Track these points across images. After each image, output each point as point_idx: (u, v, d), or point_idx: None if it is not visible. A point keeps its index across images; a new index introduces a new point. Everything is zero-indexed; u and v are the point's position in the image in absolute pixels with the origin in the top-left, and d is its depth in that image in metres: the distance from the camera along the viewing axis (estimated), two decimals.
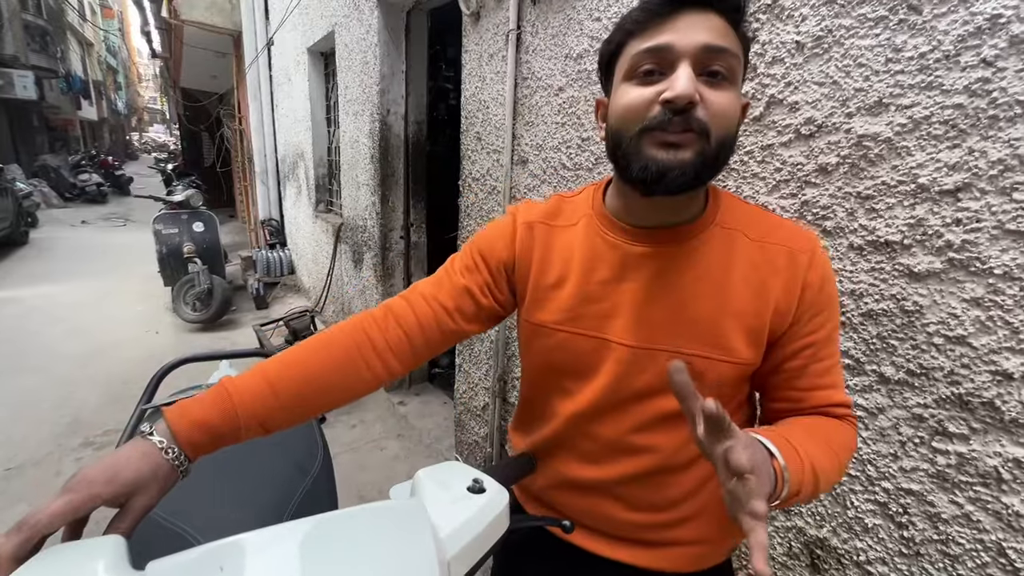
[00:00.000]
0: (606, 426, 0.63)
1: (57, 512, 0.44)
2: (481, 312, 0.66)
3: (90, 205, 11.38)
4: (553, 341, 0.63)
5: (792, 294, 0.56)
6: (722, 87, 0.50)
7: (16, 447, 2.38)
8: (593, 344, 0.61)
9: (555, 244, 0.64)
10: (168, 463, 0.51)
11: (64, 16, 15.84)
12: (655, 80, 0.50)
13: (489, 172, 1.79)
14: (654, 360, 0.58)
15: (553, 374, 0.66)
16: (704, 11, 0.49)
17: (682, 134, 0.49)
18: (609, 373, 0.60)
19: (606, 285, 0.60)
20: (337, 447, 2.42)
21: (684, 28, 0.49)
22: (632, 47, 0.52)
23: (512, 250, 0.66)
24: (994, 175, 0.70)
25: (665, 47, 0.49)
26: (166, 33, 6.74)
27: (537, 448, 0.72)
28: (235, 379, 0.57)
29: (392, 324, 0.63)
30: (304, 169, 4.39)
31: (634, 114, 0.51)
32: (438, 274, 0.69)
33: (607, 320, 0.60)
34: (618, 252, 0.60)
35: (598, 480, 0.65)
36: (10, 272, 5.66)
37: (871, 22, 0.80)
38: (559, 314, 0.62)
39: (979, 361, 0.73)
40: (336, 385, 0.61)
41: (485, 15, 1.70)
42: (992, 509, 0.75)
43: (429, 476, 0.57)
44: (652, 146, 0.51)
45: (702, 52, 0.49)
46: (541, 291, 0.64)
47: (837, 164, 0.86)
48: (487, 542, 0.54)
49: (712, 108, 0.49)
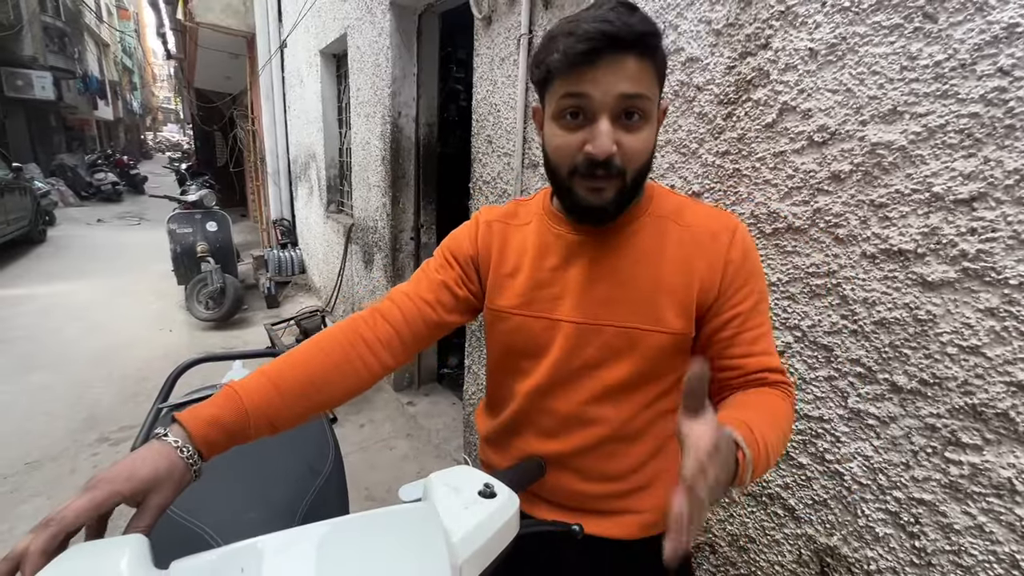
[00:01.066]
0: (560, 400, 0.69)
1: (81, 509, 0.46)
2: (459, 303, 0.72)
3: (106, 204, 11.57)
4: (510, 324, 0.70)
5: (715, 270, 0.63)
6: (637, 128, 0.57)
7: (33, 442, 2.43)
8: (544, 324, 0.68)
9: (511, 239, 0.72)
10: (183, 462, 0.53)
11: (81, 18, 16.11)
12: (580, 125, 0.57)
13: (500, 175, 1.80)
14: (598, 334, 0.65)
15: (511, 356, 0.73)
16: (620, 55, 0.54)
17: (604, 179, 0.58)
18: (559, 348, 0.67)
19: (555, 271, 0.68)
20: (347, 446, 2.45)
21: (602, 78, 0.54)
22: (558, 86, 0.58)
23: (475, 246, 0.73)
24: (1010, 185, 0.69)
25: (585, 95, 0.55)
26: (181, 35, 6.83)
27: (502, 428, 0.77)
28: (241, 381, 0.60)
29: (380, 322, 0.68)
30: (316, 170, 4.43)
31: (564, 158, 0.60)
32: (415, 275, 0.75)
33: (556, 302, 0.67)
34: (563, 241, 0.68)
35: (555, 453, 0.71)
36: (28, 270, 5.77)
37: (886, 30, 0.79)
38: (515, 299, 0.69)
39: (993, 371, 0.73)
40: (335, 382, 0.65)
41: (497, 19, 1.71)
42: (1006, 520, 0.74)
43: (441, 480, 0.58)
44: (581, 188, 0.60)
45: (619, 102, 0.55)
46: (500, 279, 0.71)
47: (850, 172, 0.86)
48: (498, 547, 0.54)
49: (627, 152, 0.57)
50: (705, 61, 1.07)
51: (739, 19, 0.99)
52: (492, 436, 0.80)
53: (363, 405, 2.91)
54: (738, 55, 1.00)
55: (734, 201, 1.05)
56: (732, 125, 1.04)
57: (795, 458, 1.00)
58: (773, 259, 0.99)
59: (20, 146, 11.67)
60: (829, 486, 0.95)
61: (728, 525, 1.15)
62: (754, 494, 1.09)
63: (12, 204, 6.45)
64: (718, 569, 1.19)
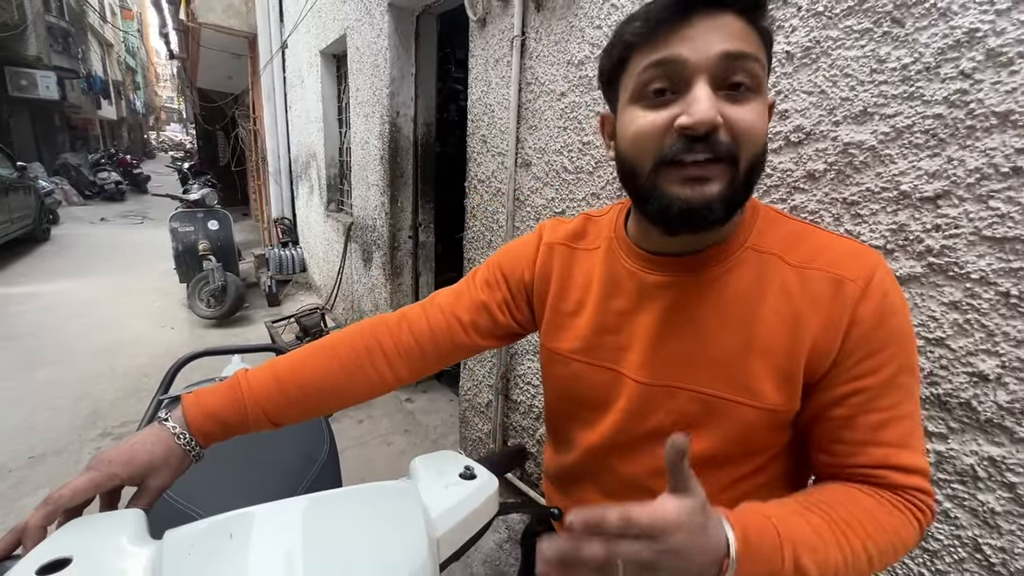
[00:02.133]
0: (623, 464, 0.59)
1: (79, 488, 0.49)
2: (497, 328, 0.65)
3: (109, 203, 11.64)
4: (569, 370, 0.61)
5: (835, 330, 0.47)
6: (746, 100, 0.44)
7: (38, 437, 2.48)
8: (608, 377, 0.57)
9: (576, 268, 0.62)
10: (181, 449, 0.56)
11: (85, 18, 16.20)
12: (668, 101, 0.44)
13: (494, 174, 1.83)
14: (671, 398, 0.53)
15: (571, 402, 0.64)
16: (718, 12, 0.43)
17: (706, 165, 0.44)
18: (622, 409, 0.57)
19: (622, 315, 0.57)
20: (345, 442, 2.48)
21: (696, 36, 0.43)
22: (637, 62, 0.46)
23: (532, 271, 0.64)
24: (971, 183, 0.72)
25: (676, 60, 0.43)
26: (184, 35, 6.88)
27: (565, 473, 0.69)
28: (248, 373, 0.61)
29: (405, 331, 0.64)
30: (316, 169, 4.47)
31: (647, 144, 0.45)
32: (459, 285, 0.68)
33: (622, 352, 0.56)
34: (635, 280, 0.56)
35: None
36: (32, 268, 5.82)
37: (857, 34, 0.82)
38: (575, 343, 0.60)
39: (957, 363, 0.76)
40: (342, 387, 0.62)
41: (491, 21, 1.74)
42: (969, 506, 0.77)
43: (424, 463, 0.61)
44: (673, 182, 0.45)
45: (720, 63, 0.43)
46: (559, 317, 0.62)
47: (824, 171, 0.89)
48: (476, 524, 0.58)
49: (738, 128, 0.43)
50: None
51: None
52: (555, 475, 0.72)
53: None
54: None
55: None
56: None
57: None
58: None
59: (24, 145, 11.74)
60: None
61: None
62: None
63: (17, 203, 6.51)
64: None
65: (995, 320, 0.72)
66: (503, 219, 1.77)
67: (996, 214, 0.70)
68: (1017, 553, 0.73)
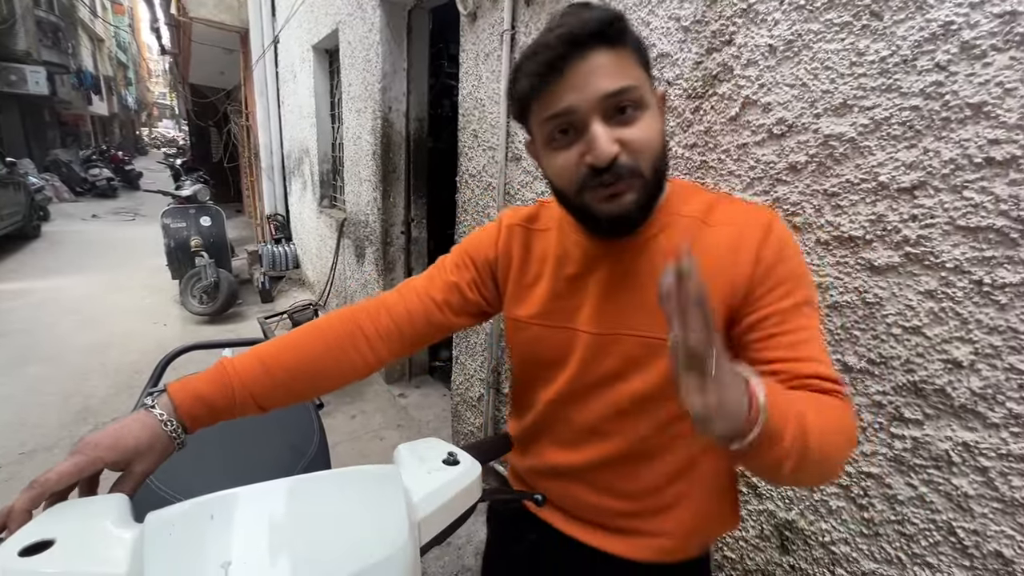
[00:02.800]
0: (578, 411, 0.67)
1: (65, 472, 0.50)
2: (468, 306, 0.72)
3: (100, 199, 11.54)
4: (530, 334, 0.69)
5: (744, 267, 0.56)
6: (635, 119, 0.52)
7: (28, 433, 2.47)
8: (565, 335, 0.65)
9: (533, 246, 0.70)
10: (166, 435, 0.56)
11: (76, 12, 16.01)
12: (573, 140, 0.54)
13: (485, 168, 1.83)
14: (617, 343, 0.62)
15: (532, 364, 0.71)
16: (587, 53, 0.50)
17: (617, 184, 0.53)
18: (577, 360, 0.65)
19: (574, 281, 0.65)
20: (337, 436, 2.49)
21: (577, 83, 0.50)
22: (538, 112, 0.55)
23: (496, 250, 0.71)
24: (946, 174, 0.74)
25: (569, 110, 0.52)
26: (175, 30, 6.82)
27: (525, 434, 0.76)
28: (233, 359, 0.62)
29: (384, 315, 0.68)
30: (309, 165, 4.46)
31: (567, 177, 0.56)
32: (430, 271, 0.74)
33: (575, 312, 0.65)
34: (581, 250, 0.65)
35: (572, 465, 0.69)
36: (23, 264, 5.78)
37: (837, 27, 0.83)
38: (534, 308, 0.68)
39: (932, 350, 0.78)
40: (327, 369, 0.65)
41: (481, 15, 1.74)
42: (943, 491, 0.79)
43: (408, 449, 0.62)
44: (596, 200, 0.55)
45: (604, 101, 0.51)
46: (520, 289, 0.70)
47: (806, 162, 0.90)
48: (457, 509, 0.59)
49: (633, 145, 0.52)
50: (675, 57, 1.11)
51: (705, 16, 1.03)
52: (519, 439, 0.78)
53: (354, 396, 2.95)
54: (705, 51, 1.04)
55: None
56: (699, 119, 1.08)
57: None
58: None
59: (14, 141, 11.62)
60: None
61: None
62: None
63: (6, 199, 6.45)
64: None
65: (969, 308, 0.73)
66: (494, 213, 1.77)
67: (970, 204, 0.72)
68: (989, 536, 0.75)
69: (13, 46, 10.84)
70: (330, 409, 2.75)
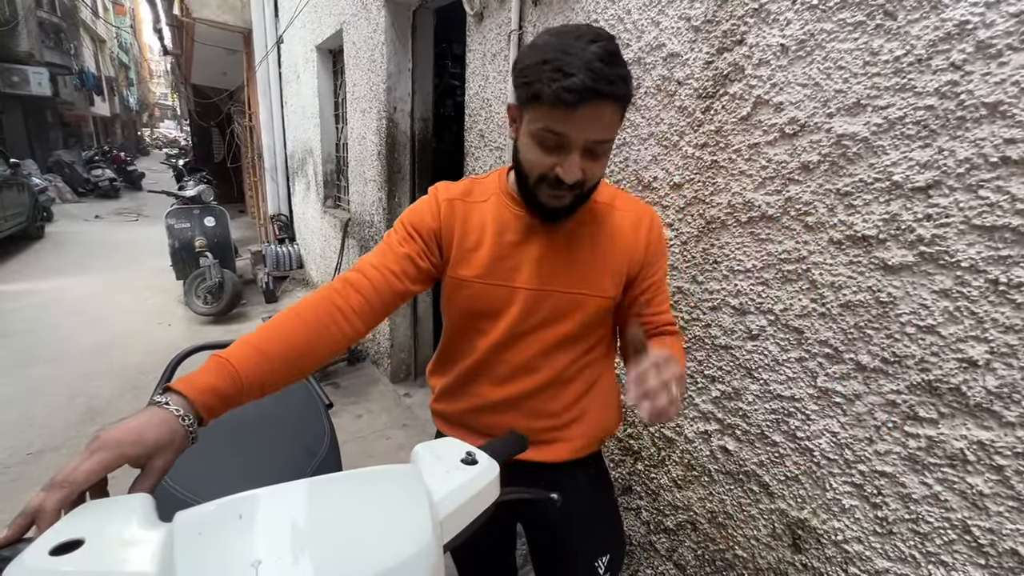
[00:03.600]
0: (513, 352, 0.82)
1: (92, 470, 0.50)
2: (421, 274, 0.80)
3: (103, 200, 11.56)
4: (472, 291, 0.80)
5: (640, 247, 0.81)
6: (599, 159, 0.69)
7: (35, 434, 2.47)
8: (504, 291, 0.79)
9: (471, 216, 0.81)
10: (183, 429, 0.57)
11: (78, 13, 16.03)
12: (553, 149, 0.67)
13: (492, 168, 1.83)
14: (550, 298, 0.79)
15: (471, 317, 0.83)
16: (601, 105, 0.62)
17: (566, 191, 0.70)
18: (517, 310, 0.79)
19: (514, 246, 0.79)
20: (344, 436, 2.47)
21: (581, 122, 0.63)
22: (540, 114, 0.65)
23: (438, 221, 0.81)
24: (961, 173, 0.74)
25: (564, 135, 0.65)
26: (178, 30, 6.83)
27: (458, 380, 0.88)
28: (227, 351, 0.65)
29: (352, 292, 0.75)
30: (313, 165, 4.46)
31: (535, 169, 0.70)
32: (380, 248, 0.81)
33: (514, 272, 0.79)
34: (522, 221, 0.79)
35: (508, 396, 0.84)
36: (26, 265, 5.79)
37: (850, 26, 0.83)
38: (477, 269, 0.79)
39: (947, 349, 0.78)
40: (314, 347, 0.71)
41: (488, 16, 1.74)
42: (958, 489, 0.79)
43: (426, 449, 0.62)
44: (545, 195, 0.71)
45: (589, 144, 0.66)
46: (463, 252, 0.80)
47: (819, 162, 0.90)
48: (477, 508, 0.59)
49: (589, 175, 0.69)
50: (685, 56, 1.11)
51: (716, 16, 1.03)
52: (447, 388, 0.91)
53: (360, 396, 2.95)
54: (715, 51, 1.04)
55: (712, 191, 1.09)
56: (710, 118, 1.08)
57: (769, 436, 1.05)
58: (748, 246, 1.04)
59: (17, 142, 11.64)
60: (800, 462, 1.00)
61: (707, 503, 1.20)
62: (731, 472, 1.14)
63: (9, 200, 6.46)
64: (699, 545, 1.24)
65: (984, 307, 0.73)
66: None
67: (986, 203, 0.72)
68: (1005, 534, 0.75)
69: (16, 47, 10.86)
70: (336, 409, 2.75)
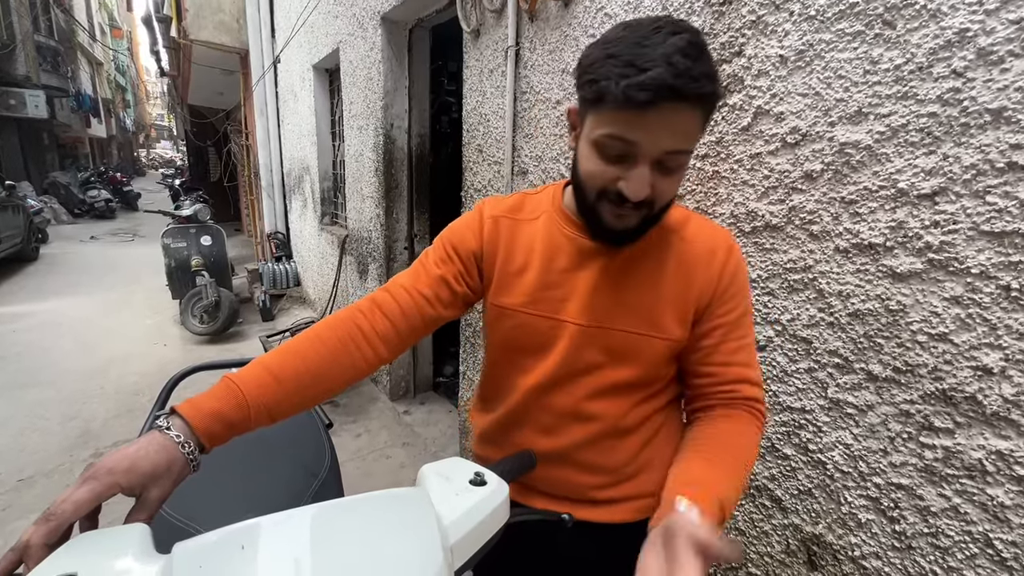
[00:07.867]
0: (559, 397, 0.71)
1: (82, 500, 0.47)
2: (456, 299, 0.73)
3: (99, 221, 11.55)
4: (515, 321, 0.71)
5: (710, 282, 0.67)
6: (672, 175, 0.58)
7: (27, 459, 2.42)
8: (550, 324, 0.69)
9: (519, 236, 0.72)
10: (183, 456, 0.54)
11: (75, 37, 16.19)
12: (618, 160, 0.57)
13: (490, 183, 1.83)
14: (603, 337, 0.68)
15: (513, 352, 0.74)
16: (679, 107, 0.51)
17: (632, 209, 0.59)
18: (563, 349, 0.69)
19: (564, 273, 0.69)
20: (343, 455, 2.45)
21: (653, 127, 0.53)
22: (605, 116, 0.55)
23: (480, 240, 0.73)
24: (968, 179, 0.73)
25: (632, 143, 0.55)
26: (175, 52, 6.88)
27: (499, 424, 0.79)
28: (238, 373, 0.61)
29: (378, 315, 0.69)
30: (309, 183, 4.47)
31: (595, 183, 0.60)
32: (414, 267, 0.75)
33: (563, 303, 0.69)
34: (575, 245, 0.69)
35: (554, 449, 0.73)
36: (21, 287, 5.74)
37: (849, 36, 0.84)
38: (522, 297, 0.70)
39: (961, 357, 0.76)
40: (332, 372, 0.65)
41: (485, 32, 1.76)
42: (978, 501, 0.77)
43: (433, 470, 0.60)
44: (607, 213, 0.61)
45: (662, 156, 0.55)
46: (506, 277, 0.72)
47: (822, 171, 0.90)
48: (488, 531, 0.57)
49: (659, 194, 0.58)
50: None
51: (714, 28, 1.04)
52: (489, 431, 0.82)
53: (359, 415, 2.91)
54: (714, 62, 1.05)
55: (714, 202, 1.09)
56: (711, 129, 1.08)
57: (780, 449, 1.03)
58: (753, 256, 1.03)
59: (13, 164, 11.64)
60: (813, 475, 0.98)
61: None
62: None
63: (5, 222, 6.43)
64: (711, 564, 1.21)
65: (997, 314, 0.72)
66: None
67: (994, 209, 0.71)
68: None
69: (13, 71, 10.92)
70: (335, 428, 2.71)
